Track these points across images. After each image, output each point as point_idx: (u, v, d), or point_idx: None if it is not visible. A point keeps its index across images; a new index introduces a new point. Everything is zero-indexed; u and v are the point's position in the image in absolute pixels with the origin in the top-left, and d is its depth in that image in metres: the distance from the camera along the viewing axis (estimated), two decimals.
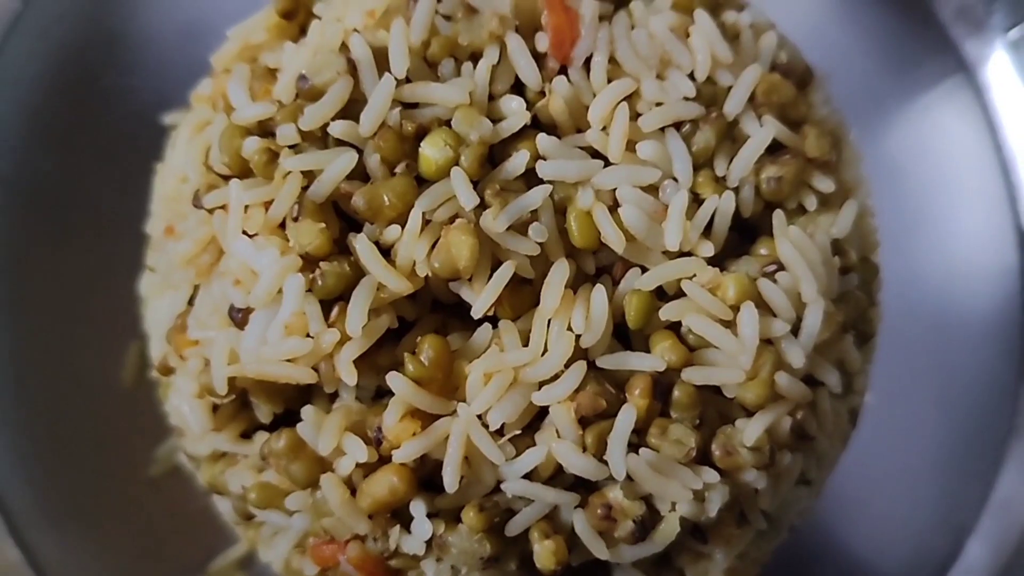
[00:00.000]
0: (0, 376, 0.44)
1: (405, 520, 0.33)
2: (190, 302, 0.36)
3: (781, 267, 0.34)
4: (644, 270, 0.34)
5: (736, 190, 0.35)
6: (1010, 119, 0.50)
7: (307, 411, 0.33)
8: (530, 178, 0.34)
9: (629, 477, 0.33)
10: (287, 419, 0.36)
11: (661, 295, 0.34)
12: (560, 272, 0.33)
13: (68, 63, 0.48)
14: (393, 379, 0.32)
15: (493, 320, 0.34)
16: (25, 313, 0.46)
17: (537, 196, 0.33)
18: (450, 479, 0.32)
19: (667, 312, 0.34)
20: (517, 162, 0.33)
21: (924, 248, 0.47)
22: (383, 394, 0.34)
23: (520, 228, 0.33)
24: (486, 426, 0.32)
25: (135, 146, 0.45)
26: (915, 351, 0.47)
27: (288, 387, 0.34)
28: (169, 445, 0.44)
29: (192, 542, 0.44)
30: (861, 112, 0.43)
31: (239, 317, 0.33)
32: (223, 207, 0.34)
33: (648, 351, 0.34)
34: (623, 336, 0.34)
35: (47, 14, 0.48)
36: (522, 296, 0.34)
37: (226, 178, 0.35)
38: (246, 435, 0.36)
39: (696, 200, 0.34)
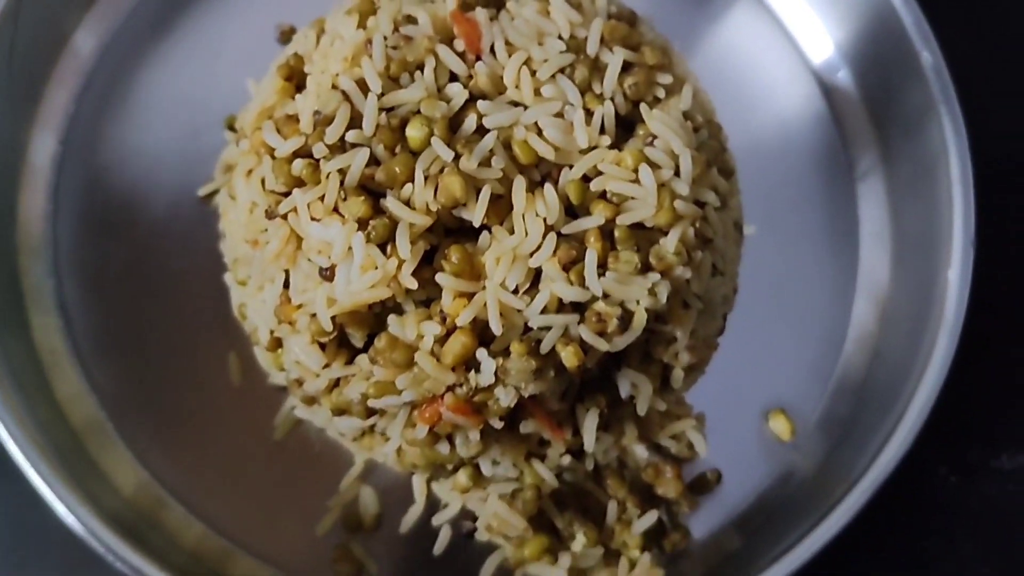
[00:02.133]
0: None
1: (476, 366, 0.50)
2: (285, 286, 0.52)
3: (655, 137, 0.52)
4: (571, 168, 0.52)
5: (612, 100, 0.53)
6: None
7: (391, 319, 0.50)
8: (481, 132, 0.51)
9: (605, 294, 0.50)
10: (371, 343, 0.53)
11: (587, 180, 0.52)
12: (519, 184, 0.51)
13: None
14: (441, 277, 0.49)
15: (487, 228, 0.51)
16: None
17: (489, 140, 0.50)
18: (495, 325, 0.49)
19: (595, 186, 0.51)
20: (469, 123, 0.51)
21: (749, 107, 0.65)
22: (429, 303, 0.51)
23: (485, 163, 0.50)
24: (507, 290, 0.49)
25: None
26: (769, 183, 0.65)
27: (371, 315, 0.51)
28: (283, 412, 0.60)
29: (319, 479, 0.59)
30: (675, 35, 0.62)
31: (327, 274, 0.50)
32: (293, 211, 0.50)
33: (590, 215, 0.51)
34: (572, 213, 0.52)
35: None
36: (501, 206, 0.51)
37: (283, 194, 0.51)
38: (349, 362, 0.53)
39: (588, 113, 0.52)
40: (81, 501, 0.50)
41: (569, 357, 0.50)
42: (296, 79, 0.54)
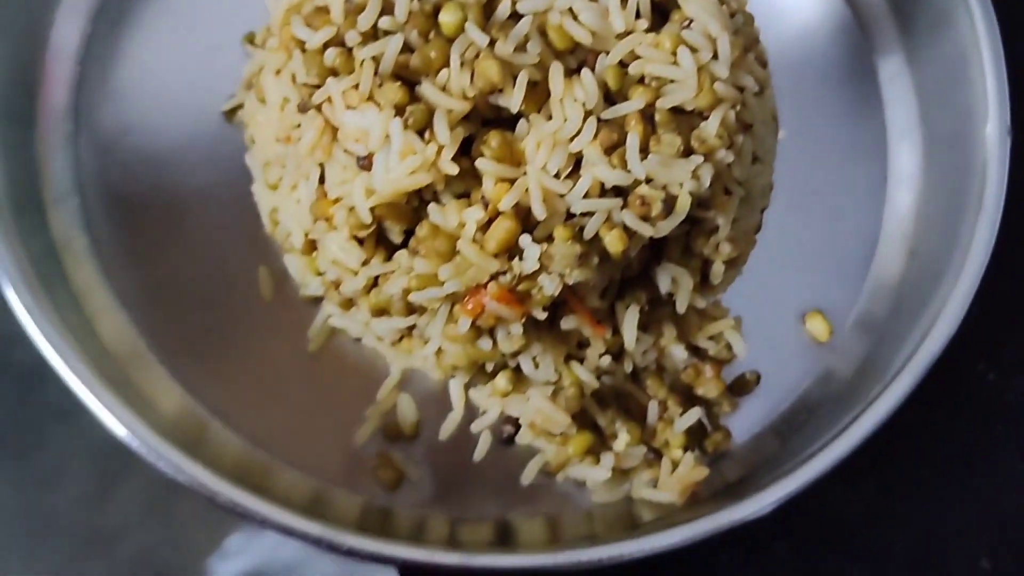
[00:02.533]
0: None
1: (519, 254, 0.49)
2: (320, 181, 0.51)
3: (691, 21, 0.51)
4: (607, 54, 0.51)
5: None
6: None
7: (432, 207, 0.49)
8: (515, 18, 0.50)
9: (648, 178, 0.49)
10: (408, 240, 0.52)
11: (623, 65, 0.51)
12: (557, 69, 0.50)
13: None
14: (482, 162, 0.48)
15: (524, 117, 0.50)
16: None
17: (524, 25, 0.49)
18: (538, 209, 0.48)
19: (633, 70, 0.50)
20: (503, 9, 0.50)
21: (772, 15, 0.64)
22: (466, 196, 0.51)
23: (520, 49, 0.49)
24: (549, 174, 0.49)
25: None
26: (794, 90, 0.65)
27: (409, 209, 0.50)
28: (317, 324, 0.59)
29: (356, 390, 0.59)
30: None
31: (365, 163, 0.49)
32: (327, 101, 0.49)
33: (628, 100, 0.50)
34: (609, 100, 0.51)
35: None
36: (538, 93, 0.50)
37: (316, 86, 0.50)
38: (388, 260, 0.52)
39: None
40: (140, 421, 0.49)
41: (613, 242, 0.49)
42: None
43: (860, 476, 0.60)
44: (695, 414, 0.57)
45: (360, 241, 0.51)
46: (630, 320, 0.54)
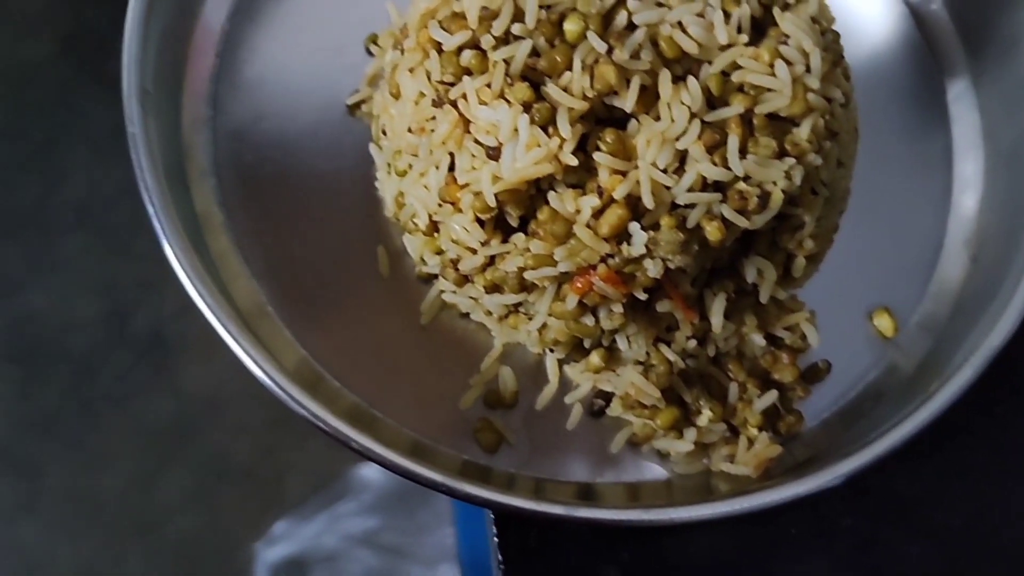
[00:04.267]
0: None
1: (627, 239, 0.55)
2: (449, 169, 0.57)
3: (787, 37, 0.57)
4: (710, 63, 0.57)
5: (747, 3, 0.58)
6: None
7: (551, 195, 0.55)
8: (630, 28, 0.56)
9: (746, 175, 0.55)
10: (524, 225, 0.58)
11: (725, 75, 0.57)
12: (665, 75, 0.56)
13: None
14: (599, 155, 0.54)
15: (634, 118, 0.56)
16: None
17: (639, 35, 0.55)
18: (648, 199, 0.54)
19: (734, 78, 0.56)
20: (620, 20, 0.55)
21: (844, 37, 0.68)
22: (579, 187, 0.56)
23: (635, 56, 0.55)
24: (657, 168, 0.54)
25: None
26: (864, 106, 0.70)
27: (528, 195, 0.56)
28: (429, 299, 0.65)
29: (461, 361, 0.64)
30: None
31: (494, 153, 0.55)
32: (462, 97, 0.56)
33: (728, 106, 0.56)
34: (711, 105, 0.57)
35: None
36: (647, 96, 0.56)
37: (450, 84, 0.56)
38: (504, 241, 0.58)
39: (726, 14, 0.57)
40: (272, 365, 0.55)
41: (713, 232, 0.55)
42: None
43: (921, 458, 0.64)
44: (772, 396, 0.62)
45: (481, 224, 0.57)
46: (718, 307, 0.60)
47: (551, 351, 0.63)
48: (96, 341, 0.78)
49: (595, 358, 0.62)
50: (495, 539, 0.66)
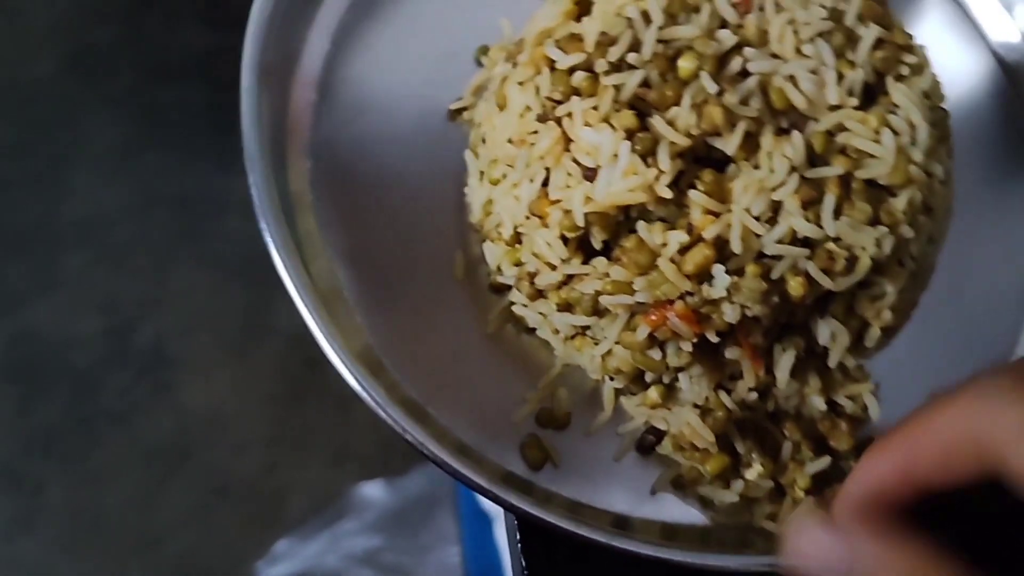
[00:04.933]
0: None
1: (709, 280, 0.55)
2: (543, 184, 0.58)
3: (897, 107, 0.57)
4: (817, 121, 0.57)
5: (862, 68, 0.58)
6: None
7: (640, 224, 0.56)
8: (743, 75, 0.57)
9: (837, 236, 0.55)
10: (605, 250, 0.59)
11: (830, 135, 0.57)
12: (770, 127, 0.56)
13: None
14: (694, 194, 0.55)
15: (733, 162, 0.57)
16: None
17: (751, 82, 0.56)
18: (736, 244, 0.54)
19: (838, 139, 0.56)
20: (734, 65, 0.56)
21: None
22: (663, 220, 0.57)
23: (744, 102, 0.56)
24: (750, 215, 0.55)
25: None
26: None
27: (615, 221, 0.57)
28: (498, 309, 0.66)
29: (520, 375, 0.65)
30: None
31: (591, 174, 0.56)
32: (567, 115, 0.57)
33: (828, 165, 0.56)
34: (812, 162, 0.57)
35: None
36: (750, 144, 0.56)
37: (558, 102, 0.58)
38: (585, 263, 0.59)
39: (840, 76, 0.57)
40: (339, 341, 0.57)
41: (796, 287, 0.55)
42: (580, 6, 0.60)
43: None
44: (824, 462, 0.61)
45: (565, 241, 0.58)
46: (785, 363, 0.60)
47: (611, 379, 0.63)
48: (97, 358, 0.79)
49: (654, 393, 0.62)
50: (520, 558, 0.65)
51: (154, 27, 0.87)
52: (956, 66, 0.76)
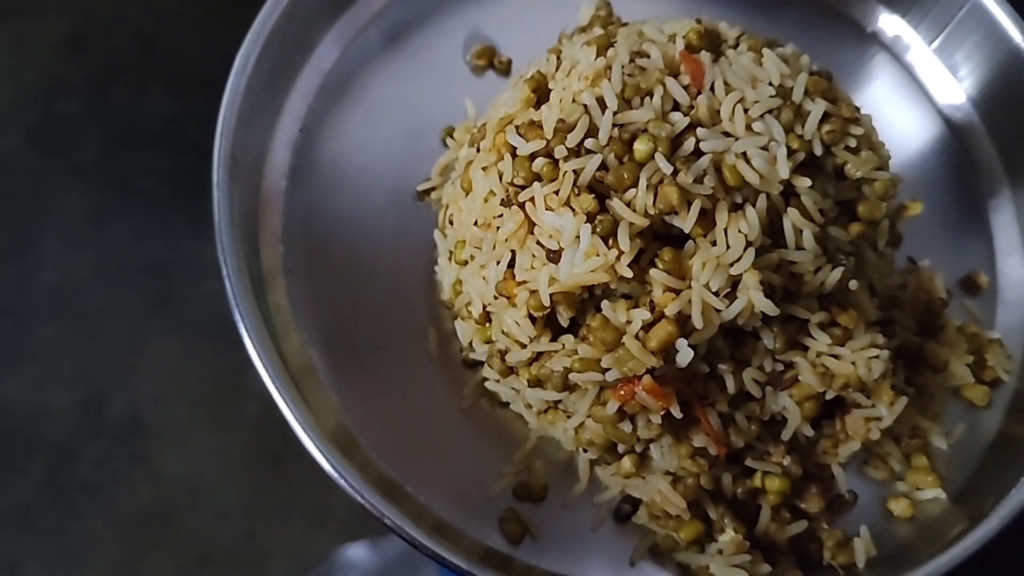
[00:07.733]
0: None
1: (673, 355, 0.57)
2: (509, 265, 0.60)
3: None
4: (768, 196, 0.59)
5: (809, 142, 0.61)
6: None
7: (605, 304, 0.57)
8: (697, 154, 0.59)
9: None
10: (573, 327, 0.60)
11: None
12: (724, 203, 0.58)
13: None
14: (655, 272, 0.56)
15: (691, 238, 0.59)
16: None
17: (704, 161, 0.58)
18: (697, 319, 0.56)
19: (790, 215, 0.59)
20: (688, 145, 0.58)
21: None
22: (631, 298, 0.59)
23: (698, 180, 0.58)
24: (710, 291, 0.56)
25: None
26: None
27: (580, 300, 0.58)
28: (472, 384, 0.67)
29: (495, 449, 0.66)
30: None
31: (554, 256, 0.57)
32: (530, 200, 0.58)
33: None
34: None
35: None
36: (706, 220, 0.58)
37: (520, 187, 0.59)
38: (553, 340, 0.60)
39: (790, 150, 0.60)
40: (310, 422, 0.58)
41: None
42: (538, 93, 0.62)
43: None
44: (801, 525, 0.63)
45: (533, 320, 0.59)
46: (748, 432, 0.61)
47: (584, 451, 0.64)
48: (72, 429, 0.78)
49: (627, 463, 0.63)
50: None
51: (119, 96, 0.89)
52: (905, 128, 0.79)
